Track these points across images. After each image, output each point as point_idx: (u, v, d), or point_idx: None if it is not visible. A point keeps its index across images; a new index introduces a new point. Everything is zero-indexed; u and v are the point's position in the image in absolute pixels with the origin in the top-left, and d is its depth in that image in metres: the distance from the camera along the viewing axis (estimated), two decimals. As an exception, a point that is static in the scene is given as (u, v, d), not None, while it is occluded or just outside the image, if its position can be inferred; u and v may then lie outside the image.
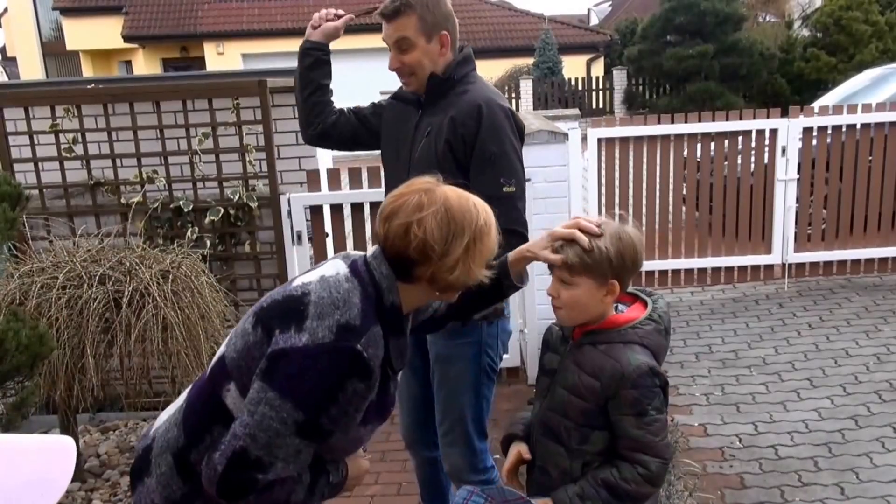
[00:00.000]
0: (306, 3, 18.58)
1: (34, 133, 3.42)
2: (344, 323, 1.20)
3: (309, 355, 1.18)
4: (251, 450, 1.18)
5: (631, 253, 1.43)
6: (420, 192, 1.27)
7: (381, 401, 1.32)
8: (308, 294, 1.23)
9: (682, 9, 15.07)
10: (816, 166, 4.73)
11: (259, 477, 1.19)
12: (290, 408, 1.18)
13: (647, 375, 1.40)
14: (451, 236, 1.24)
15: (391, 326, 1.27)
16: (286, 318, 1.22)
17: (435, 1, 1.88)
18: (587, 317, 1.47)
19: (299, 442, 1.20)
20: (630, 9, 25.33)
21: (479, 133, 1.84)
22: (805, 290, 4.73)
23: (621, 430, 1.41)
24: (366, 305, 1.24)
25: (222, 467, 1.19)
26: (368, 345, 1.21)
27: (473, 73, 1.98)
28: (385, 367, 1.28)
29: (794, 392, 3.45)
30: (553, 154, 3.55)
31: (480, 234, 1.27)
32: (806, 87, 14.26)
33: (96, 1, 18.22)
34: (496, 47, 18.11)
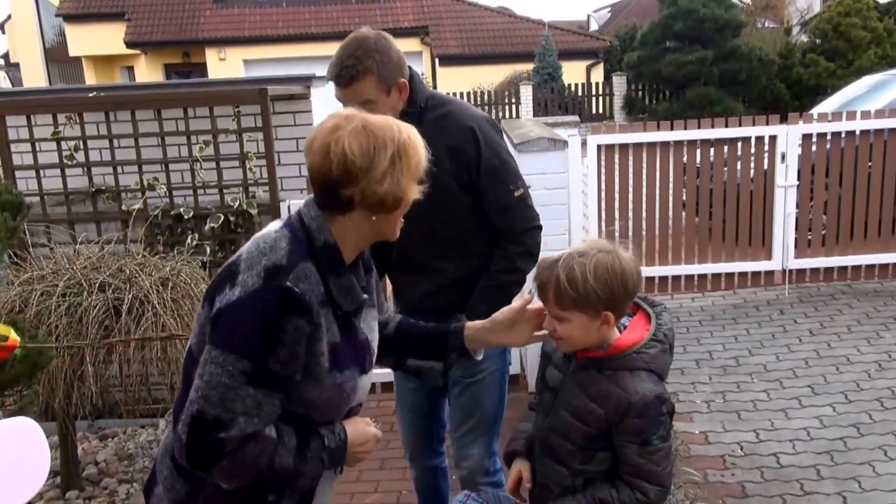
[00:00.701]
0: (308, 9, 18.67)
1: (36, 140, 3.43)
2: (271, 265, 1.21)
3: (242, 305, 1.19)
4: (207, 410, 1.17)
5: (619, 283, 1.37)
6: (337, 117, 1.27)
7: (351, 345, 1.29)
8: (240, 255, 1.26)
9: (681, 15, 15.11)
10: (816, 172, 4.73)
11: (222, 436, 1.16)
12: (234, 359, 1.17)
13: (653, 405, 1.37)
14: (374, 149, 1.23)
15: (328, 265, 1.25)
16: (222, 282, 1.24)
17: (386, 52, 1.82)
18: (588, 344, 1.45)
19: (254, 392, 1.18)
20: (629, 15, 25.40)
21: (481, 154, 1.91)
22: (806, 297, 4.72)
23: (624, 456, 1.39)
24: (294, 247, 1.24)
25: (185, 435, 1.18)
26: (298, 280, 1.20)
27: (432, 91, 2.00)
28: (334, 308, 1.26)
29: (795, 399, 3.44)
30: (552, 161, 3.55)
31: (405, 147, 1.25)
32: (805, 92, 14.27)
33: (99, 7, 18.30)
34: (496, 53, 18.16)
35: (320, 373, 1.25)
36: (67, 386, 2.56)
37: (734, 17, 15.30)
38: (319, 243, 1.26)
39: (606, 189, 4.69)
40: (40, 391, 2.52)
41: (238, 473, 1.21)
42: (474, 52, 17.95)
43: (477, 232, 1.97)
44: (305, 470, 1.27)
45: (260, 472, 1.22)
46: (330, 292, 1.25)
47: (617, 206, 4.69)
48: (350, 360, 1.29)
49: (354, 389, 1.32)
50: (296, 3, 18.84)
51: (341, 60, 1.81)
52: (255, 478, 1.23)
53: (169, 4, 18.65)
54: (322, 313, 1.23)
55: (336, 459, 1.33)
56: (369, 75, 1.80)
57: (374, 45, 1.81)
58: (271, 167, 3.43)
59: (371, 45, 1.80)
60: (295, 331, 1.19)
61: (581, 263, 1.37)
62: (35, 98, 3.82)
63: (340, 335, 1.27)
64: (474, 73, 17.29)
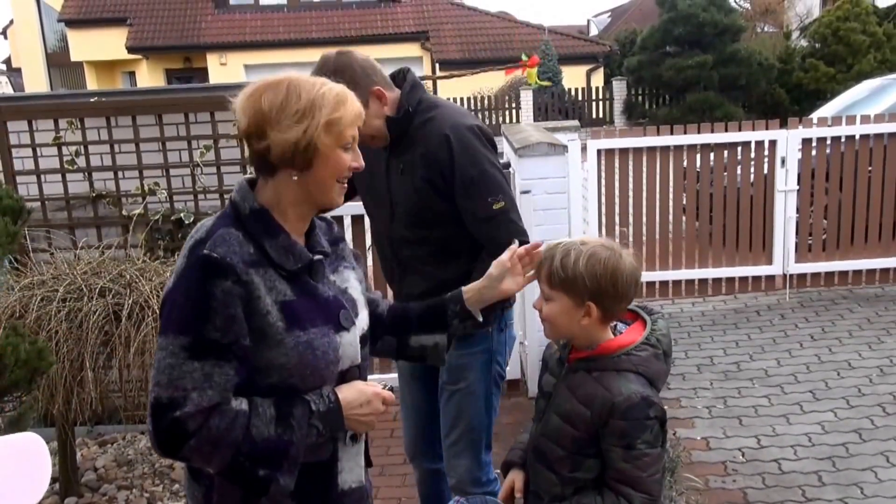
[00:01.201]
0: (308, 14, 18.73)
1: (37, 146, 3.43)
2: (192, 243, 1.23)
3: (173, 287, 1.21)
4: (161, 394, 1.17)
5: (608, 278, 1.37)
6: (268, 78, 1.27)
7: (314, 303, 1.26)
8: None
9: (680, 20, 15.15)
10: (816, 177, 4.74)
11: (178, 415, 1.16)
12: (173, 337, 1.18)
13: (638, 407, 1.35)
14: (283, 100, 1.21)
15: (258, 228, 1.25)
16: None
17: (347, 69, 1.77)
18: (567, 334, 1.45)
19: (200, 365, 1.17)
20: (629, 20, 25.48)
21: (454, 161, 1.85)
22: (806, 301, 4.71)
23: (609, 461, 1.38)
24: (217, 221, 1.26)
25: (151, 426, 1.19)
26: (216, 245, 1.20)
27: (426, 96, 1.95)
28: (276, 269, 1.24)
29: (796, 405, 3.43)
30: (552, 166, 3.56)
31: (320, 100, 1.22)
32: (805, 97, 14.29)
33: (101, 12, 18.36)
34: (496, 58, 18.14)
35: (274, 333, 1.21)
36: (67, 391, 2.56)
37: (734, 22, 15.34)
38: (246, 211, 1.26)
39: (607, 194, 4.70)
40: (40, 397, 2.52)
41: (212, 451, 1.19)
42: (474, 57, 17.96)
43: (462, 237, 1.93)
44: (293, 438, 1.21)
45: (237, 446, 1.18)
46: (266, 253, 1.24)
47: (617, 210, 4.69)
48: (315, 316, 1.25)
49: (333, 347, 1.26)
50: (297, 9, 18.90)
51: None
52: (234, 454, 1.19)
53: (170, 10, 18.71)
54: (254, 273, 1.21)
55: (333, 424, 1.26)
56: None
57: (334, 67, 1.76)
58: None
59: (330, 68, 1.75)
60: (223, 293, 1.18)
61: (579, 249, 1.40)
62: (36, 103, 3.83)
63: (295, 294, 1.24)
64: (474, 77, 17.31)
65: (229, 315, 1.18)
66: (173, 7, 18.76)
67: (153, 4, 18.65)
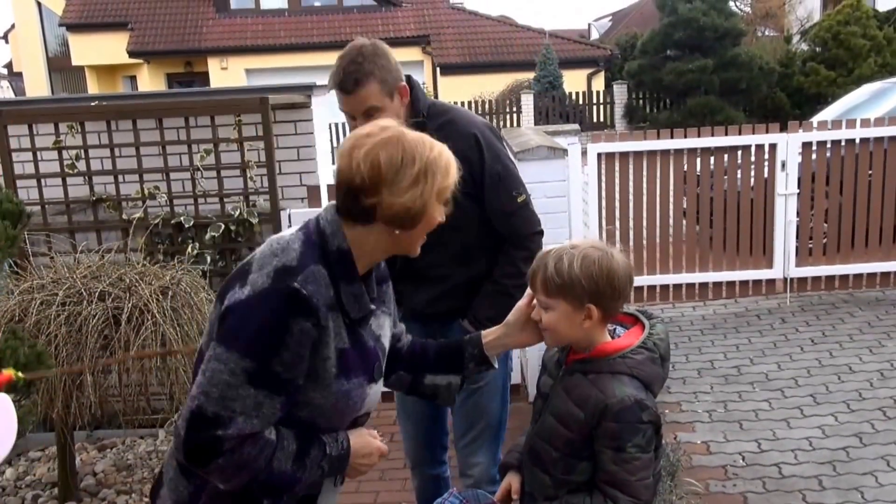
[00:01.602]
0: (310, 19, 18.76)
1: (37, 150, 3.44)
2: (281, 266, 1.21)
3: (249, 304, 1.19)
4: (206, 406, 1.16)
5: (605, 278, 1.38)
6: (375, 125, 1.27)
7: (360, 353, 1.29)
8: (254, 255, 1.27)
9: (681, 24, 15.17)
10: (816, 181, 4.73)
11: (220, 433, 1.16)
12: (237, 357, 1.16)
13: (630, 409, 1.35)
14: (401, 162, 1.22)
15: (340, 271, 1.24)
16: (234, 280, 1.24)
17: (385, 57, 1.85)
18: (569, 340, 1.45)
19: (255, 392, 1.17)
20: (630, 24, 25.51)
21: (485, 161, 1.93)
22: (807, 305, 4.71)
23: (600, 463, 1.38)
24: (306, 249, 1.24)
25: (184, 430, 1.18)
26: (307, 282, 1.19)
27: (433, 100, 2.03)
28: (343, 315, 1.25)
29: (797, 409, 3.42)
30: (552, 169, 3.56)
31: (434, 165, 1.24)
32: (806, 100, 14.30)
33: (102, 17, 18.39)
34: (497, 62, 18.21)
35: (327, 377, 1.24)
36: (66, 395, 2.55)
37: (734, 26, 15.34)
38: (333, 248, 1.25)
39: (607, 197, 4.70)
40: (39, 401, 2.51)
41: (234, 473, 1.20)
42: (475, 61, 18.00)
43: (481, 239, 1.98)
44: (303, 476, 1.25)
45: (256, 473, 1.21)
46: (340, 298, 1.24)
47: (617, 214, 4.69)
48: (359, 367, 1.28)
49: (363, 398, 1.31)
50: (298, 13, 18.94)
51: (343, 67, 1.82)
52: (250, 479, 1.21)
53: (172, 14, 18.75)
54: (330, 317, 1.22)
55: (337, 468, 1.31)
56: (373, 79, 1.82)
57: (373, 49, 1.83)
58: (272, 176, 3.44)
59: (370, 50, 1.82)
60: (301, 333, 1.18)
61: (571, 254, 1.40)
62: (37, 107, 3.84)
63: (349, 342, 1.26)
64: (475, 81, 17.35)
65: (299, 354, 1.19)
66: (174, 11, 18.80)
67: (154, 9, 18.69)
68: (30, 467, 3.20)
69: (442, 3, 19.69)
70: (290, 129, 3.79)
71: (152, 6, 18.74)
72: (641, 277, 4.74)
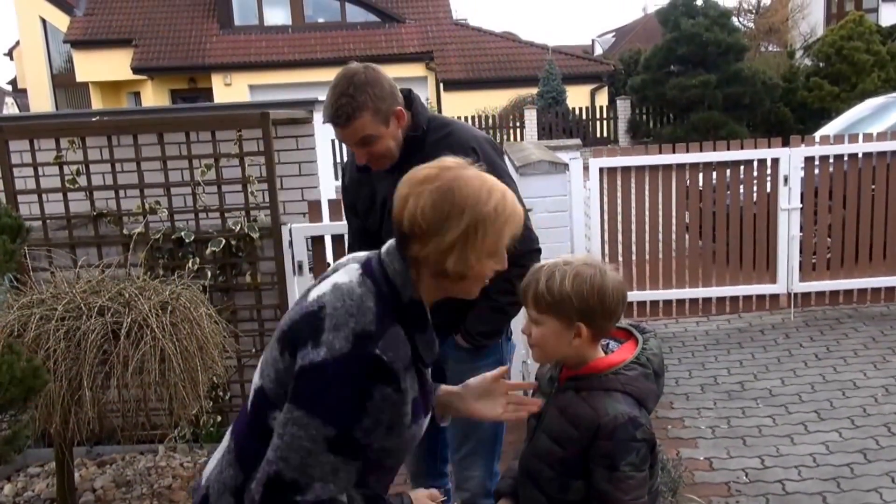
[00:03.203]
0: (313, 35, 18.93)
1: (39, 165, 3.45)
2: (360, 331, 1.17)
3: (328, 368, 1.15)
4: (285, 472, 1.15)
5: (596, 297, 1.37)
6: (437, 167, 1.21)
7: (424, 395, 1.29)
8: (323, 307, 1.20)
9: (684, 39, 15.24)
10: (819, 195, 4.72)
11: (298, 499, 1.15)
12: (319, 424, 1.15)
13: (623, 427, 1.34)
14: (446, 215, 1.16)
15: (413, 322, 1.22)
16: (305, 335, 1.20)
17: (378, 84, 1.81)
18: (558, 357, 1.44)
19: (334, 459, 1.15)
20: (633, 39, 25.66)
21: None
22: (811, 320, 4.67)
23: (594, 482, 1.37)
24: (381, 308, 1.19)
25: (259, 495, 1.17)
26: (387, 348, 1.17)
27: (435, 114, 2.00)
28: (416, 364, 1.24)
29: (801, 425, 3.38)
30: (553, 184, 3.56)
31: (484, 220, 1.18)
32: (809, 115, 14.30)
33: (107, 34, 18.58)
34: (500, 77, 18.31)
35: (402, 428, 1.24)
36: (65, 410, 2.54)
37: (737, 41, 15.41)
38: (406, 300, 1.22)
39: (609, 212, 4.69)
40: (37, 416, 2.50)
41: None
42: (478, 77, 18.11)
43: None
44: None
45: None
46: (416, 350, 1.22)
47: (620, 228, 4.68)
48: (422, 408, 1.29)
49: (420, 430, 1.32)
50: (301, 30, 19.11)
51: (335, 101, 1.79)
52: None
53: (176, 31, 18.93)
54: (409, 376, 1.21)
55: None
56: (365, 111, 1.79)
57: (365, 78, 1.79)
58: (273, 191, 3.44)
59: (361, 79, 1.79)
60: (382, 400, 1.17)
61: (563, 270, 1.39)
62: (38, 122, 3.86)
63: (419, 388, 1.26)
64: (478, 97, 17.44)
65: (379, 420, 1.18)
66: (179, 28, 18.99)
67: (159, 25, 18.87)
68: (29, 483, 3.19)
69: (445, 19, 19.83)
70: (291, 145, 3.80)
71: (157, 23, 18.92)
72: (644, 292, 4.73)
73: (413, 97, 1.96)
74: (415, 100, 1.95)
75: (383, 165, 1.94)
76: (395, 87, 1.88)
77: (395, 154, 1.91)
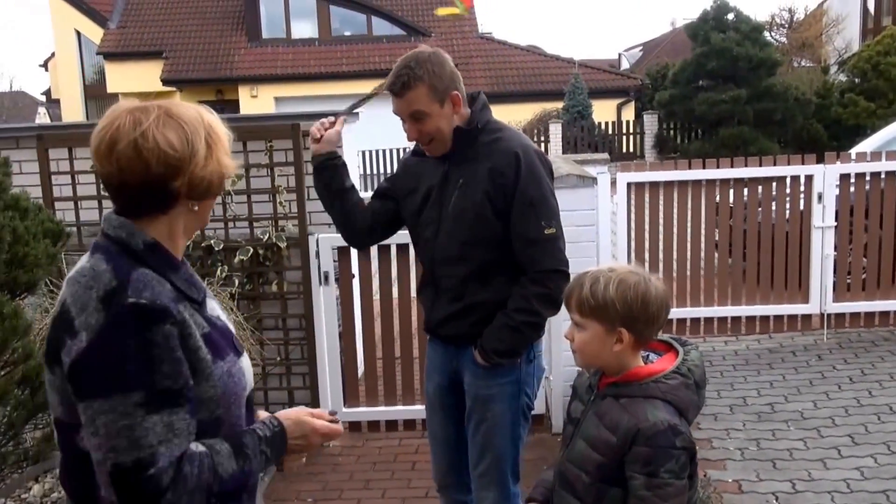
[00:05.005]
0: (339, 48, 19.16)
1: (76, 173, 3.53)
2: (104, 294, 1.12)
3: (96, 346, 1.10)
4: (122, 459, 1.09)
5: (640, 303, 1.38)
6: (128, 112, 1.19)
7: (218, 332, 1.24)
8: (64, 302, 1.16)
9: (713, 54, 15.10)
10: (855, 213, 4.62)
11: (151, 472, 1.09)
12: (121, 398, 1.09)
13: (664, 434, 1.33)
14: (189, 135, 1.18)
15: (158, 263, 1.18)
16: (60, 336, 1.14)
17: (440, 64, 1.90)
18: (599, 363, 1.44)
19: (158, 417, 1.10)
20: (661, 54, 25.53)
21: (520, 180, 1.91)
22: (845, 342, 4.55)
23: (631, 488, 1.35)
24: (114, 263, 1.16)
25: (115, 496, 1.10)
26: (139, 291, 1.12)
27: (494, 119, 2.03)
28: (189, 301, 1.20)
29: (834, 449, 3.29)
30: (581, 198, 3.53)
31: (210, 125, 1.23)
32: (844, 132, 14.02)
33: (139, 46, 19.02)
34: (525, 91, 18.33)
35: (206, 366, 1.18)
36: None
37: (769, 56, 15.20)
38: (139, 247, 1.18)
39: (636, 227, 4.64)
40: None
41: (189, 500, 1.13)
42: (503, 91, 18.13)
43: (501, 261, 1.96)
44: (251, 468, 1.21)
45: (209, 488, 1.15)
46: (177, 287, 1.19)
47: (647, 244, 4.63)
48: (223, 346, 1.24)
49: (242, 373, 1.26)
50: (328, 43, 19.36)
51: (397, 70, 1.89)
52: (208, 497, 1.15)
53: (206, 43, 19.29)
54: (181, 308, 1.16)
55: (278, 449, 1.26)
56: (421, 83, 1.87)
57: (428, 56, 1.89)
58: (301, 201, 3.47)
59: (425, 56, 1.89)
60: (165, 338, 1.12)
61: (608, 276, 1.41)
62: (76, 132, 3.95)
63: (207, 324, 1.22)
64: (503, 110, 17.44)
65: (176, 358, 1.13)
66: (208, 41, 19.35)
67: (189, 38, 19.26)
68: (56, 485, 3.23)
69: (471, 33, 19.94)
70: (320, 155, 3.83)
71: (187, 36, 19.32)
72: (672, 309, 4.65)
73: (478, 97, 2.01)
74: (478, 100, 2.00)
75: (435, 151, 1.97)
76: (458, 75, 1.95)
77: (447, 140, 1.94)
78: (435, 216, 1.99)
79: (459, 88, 1.94)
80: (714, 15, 15.54)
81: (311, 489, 3.15)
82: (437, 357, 2.13)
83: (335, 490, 3.14)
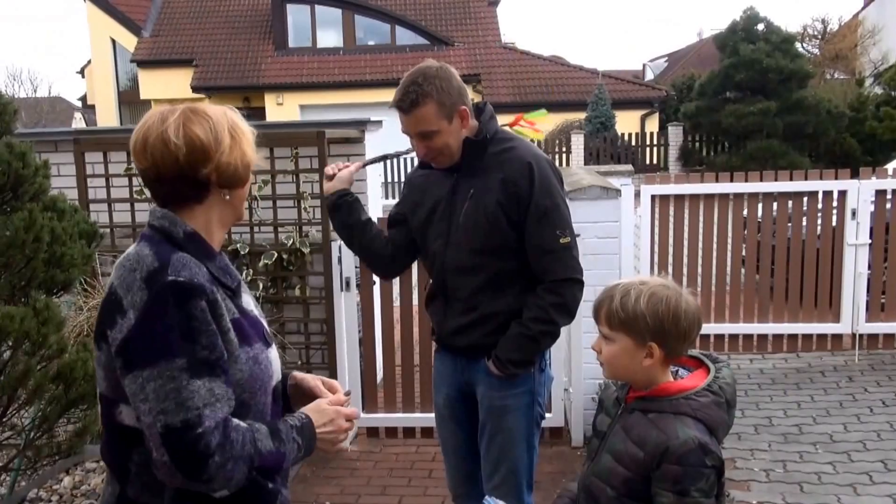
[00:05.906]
0: (363, 57, 19.31)
1: (110, 176, 3.60)
2: (147, 275, 1.21)
3: (143, 322, 1.19)
4: (171, 420, 1.15)
5: (671, 317, 1.35)
6: (158, 113, 1.29)
7: (249, 321, 1.31)
8: (111, 285, 1.26)
9: (742, 65, 14.90)
10: (891, 231, 4.50)
11: (200, 431, 1.15)
12: (167, 364, 1.17)
13: (694, 452, 1.29)
14: (212, 126, 1.26)
15: (197, 252, 1.27)
16: (109, 316, 1.23)
17: (447, 80, 1.88)
18: (628, 376, 1.42)
19: (201, 382, 1.18)
20: (687, 65, 25.31)
21: (534, 190, 1.90)
22: (878, 364, 4.43)
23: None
24: (157, 248, 1.25)
25: (167, 455, 1.15)
26: (178, 270, 1.21)
27: (502, 129, 2.03)
28: (223, 287, 1.28)
29: (865, 474, 3.19)
30: (604, 210, 3.50)
31: (234, 120, 1.31)
32: (879, 147, 13.71)
33: (170, 54, 19.43)
34: (548, 101, 18.20)
35: (233, 349, 1.25)
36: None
37: (800, 68, 14.92)
38: (180, 235, 1.27)
39: (660, 241, 4.58)
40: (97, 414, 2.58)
41: (234, 467, 1.18)
42: (526, 100, 18.07)
43: (516, 271, 1.95)
44: (286, 451, 1.26)
45: (251, 460, 1.20)
46: (212, 273, 1.27)
47: (671, 258, 4.56)
48: (253, 334, 1.31)
49: (269, 362, 1.32)
50: (352, 52, 19.53)
51: (404, 87, 1.88)
52: (249, 469, 1.20)
53: (234, 52, 19.62)
54: (215, 289, 1.25)
55: (308, 441, 1.30)
56: (430, 100, 1.85)
57: (436, 72, 1.88)
58: (324, 208, 3.49)
59: (432, 72, 1.88)
60: (203, 312, 1.20)
61: (639, 289, 1.38)
62: (111, 136, 4.03)
63: (238, 312, 1.29)
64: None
65: (212, 331, 1.21)
66: (237, 49, 19.68)
67: (218, 46, 19.61)
68: (85, 477, 3.28)
69: (493, 43, 19.97)
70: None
71: (216, 44, 19.68)
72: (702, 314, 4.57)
73: (484, 108, 1.99)
74: (486, 111, 1.99)
75: (443, 163, 1.96)
76: (465, 88, 1.94)
77: (455, 154, 1.94)
78: (444, 227, 1.98)
79: (467, 102, 1.92)
80: (744, 26, 15.35)
81: (328, 493, 3.14)
82: (446, 368, 2.12)
83: (352, 495, 3.13)
